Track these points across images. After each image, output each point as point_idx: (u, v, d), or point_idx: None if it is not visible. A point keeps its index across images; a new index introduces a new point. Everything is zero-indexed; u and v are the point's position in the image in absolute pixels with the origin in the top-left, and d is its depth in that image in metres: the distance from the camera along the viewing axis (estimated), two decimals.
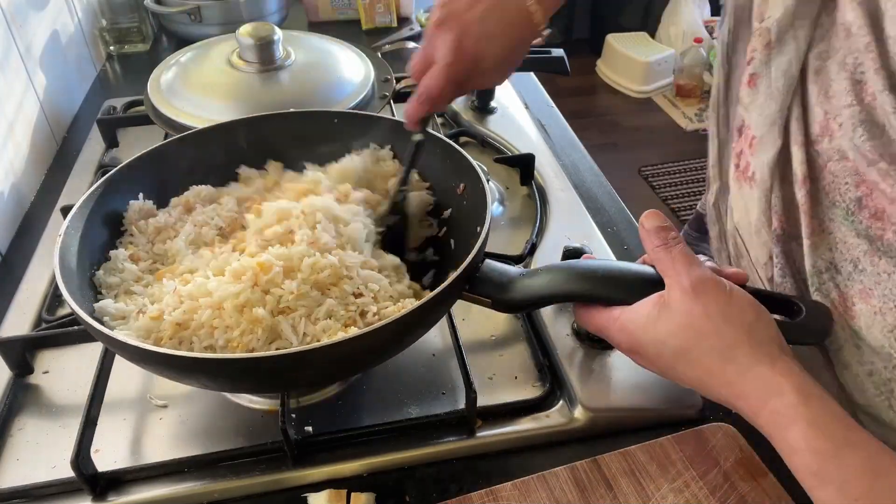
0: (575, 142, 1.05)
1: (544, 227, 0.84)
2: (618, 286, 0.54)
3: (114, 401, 0.63)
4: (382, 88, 1.00)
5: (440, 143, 0.72)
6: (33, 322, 0.73)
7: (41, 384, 0.67)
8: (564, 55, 0.99)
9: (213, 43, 1.04)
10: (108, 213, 0.66)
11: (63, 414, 0.64)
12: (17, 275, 0.79)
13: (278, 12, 1.34)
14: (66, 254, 0.58)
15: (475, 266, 0.57)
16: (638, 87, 3.17)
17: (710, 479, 0.55)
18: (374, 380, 0.67)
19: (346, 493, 0.56)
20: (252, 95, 0.92)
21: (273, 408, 0.63)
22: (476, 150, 0.99)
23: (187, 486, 0.58)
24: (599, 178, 0.97)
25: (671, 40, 3.17)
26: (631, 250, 0.84)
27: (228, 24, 1.24)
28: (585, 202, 0.90)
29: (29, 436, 0.62)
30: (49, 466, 0.59)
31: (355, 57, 1.03)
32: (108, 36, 1.31)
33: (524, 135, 1.02)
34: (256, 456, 0.60)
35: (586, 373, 0.65)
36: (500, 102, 1.09)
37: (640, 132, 2.98)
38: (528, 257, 0.79)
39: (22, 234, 0.89)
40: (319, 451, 0.60)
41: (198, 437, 0.62)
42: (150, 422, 0.63)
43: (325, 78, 0.97)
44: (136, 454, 0.61)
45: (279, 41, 0.96)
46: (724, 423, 0.60)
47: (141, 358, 0.52)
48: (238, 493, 0.58)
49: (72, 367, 0.68)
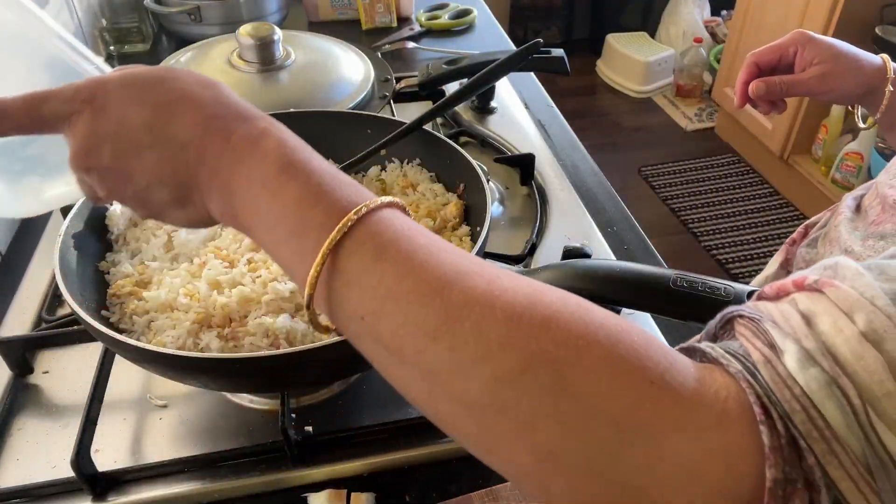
0: (575, 142, 1.05)
1: (544, 227, 0.84)
2: (618, 286, 0.54)
3: (114, 401, 0.63)
4: (382, 88, 1.00)
5: (440, 142, 0.72)
6: (33, 322, 0.73)
7: (41, 384, 0.67)
8: (564, 55, 0.99)
9: (213, 43, 1.04)
10: (109, 212, 0.66)
11: (63, 414, 0.64)
12: (17, 275, 0.79)
13: (278, 12, 1.34)
14: (66, 254, 0.58)
15: None
16: (638, 87, 3.17)
17: None
18: (374, 380, 0.66)
19: (346, 493, 0.56)
20: (252, 95, 0.92)
21: (273, 408, 0.63)
22: (476, 150, 0.99)
23: (187, 486, 0.58)
24: (599, 178, 0.97)
25: (671, 40, 3.17)
26: (631, 250, 0.84)
27: (228, 24, 1.24)
28: (585, 202, 0.90)
29: (29, 436, 0.62)
30: (49, 466, 0.59)
31: (355, 57, 1.03)
32: (108, 36, 1.31)
33: (524, 135, 1.02)
34: (256, 456, 0.60)
35: None
36: (501, 102, 1.09)
37: (640, 132, 2.98)
38: (528, 257, 0.79)
39: (22, 234, 0.89)
40: (319, 451, 0.60)
41: (198, 437, 0.62)
42: (150, 422, 0.63)
43: (325, 78, 0.97)
44: (136, 454, 0.61)
45: (279, 41, 0.96)
46: None
47: (141, 358, 0.52)
48: (238, 493, 0.58)
49: (72, 367, 0.68)
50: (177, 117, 0.39)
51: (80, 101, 0.40)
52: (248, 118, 0.39)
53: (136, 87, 0.40)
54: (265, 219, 0.37)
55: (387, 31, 1.37)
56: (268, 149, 0.37)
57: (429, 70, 1.01)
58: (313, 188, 0.36)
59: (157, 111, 0.39)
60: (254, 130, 0.38)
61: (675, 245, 2.35)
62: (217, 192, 0.39)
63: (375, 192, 0.73)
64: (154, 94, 0.40)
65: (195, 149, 0.39)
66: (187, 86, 0.40)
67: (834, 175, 2.26)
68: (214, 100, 0.40)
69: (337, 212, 0.34)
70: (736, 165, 2.72)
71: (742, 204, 2.53)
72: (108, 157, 0.40)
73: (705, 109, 3.06)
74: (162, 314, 0.58)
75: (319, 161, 0.38)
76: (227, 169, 0.38)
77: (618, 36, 3.22)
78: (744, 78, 0.78)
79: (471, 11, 1.41)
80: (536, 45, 0.77)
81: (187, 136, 0.39)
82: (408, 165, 0.76)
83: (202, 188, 0.39)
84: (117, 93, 0.40)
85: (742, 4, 2.55)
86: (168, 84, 0.40)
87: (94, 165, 0.40)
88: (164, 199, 0.40)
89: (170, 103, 0.39)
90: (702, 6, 3.18)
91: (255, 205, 0.37)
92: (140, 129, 0.39)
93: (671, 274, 0.53)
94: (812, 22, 2.20)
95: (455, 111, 1.05)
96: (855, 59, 0.73)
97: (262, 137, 0.38)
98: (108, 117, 0.39)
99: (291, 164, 0.37)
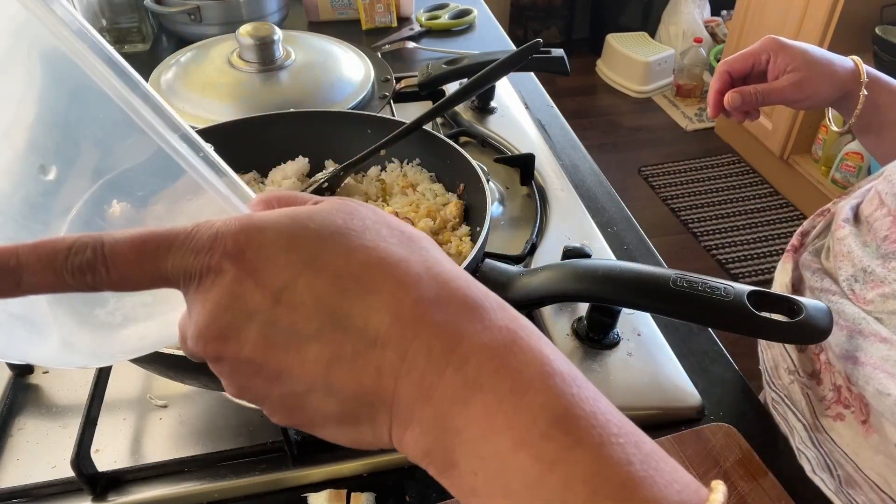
0: (575, 142, 1.05)
1: (544, 227, 0.84)
2: (618, 286, 0.54)
3: (114, 401, 0.63)
4: (382, 88, 1.00)
5: (440, 142, 0.72)
6: None
7: (41, 384, 0.67)
8: (564, 55, 0.99)
9: (213, 43, 1.04)
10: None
11: (63, 414, 0.64)
12: None
13: (278, 12, 1.34)
14: None
15: (475, 266, 0.57)
16: (638, 87, 3.17)
17: (710, 479, 0.55)
18: None
19: (346, 493, 0.56)
20: (252, 95, 0.92)
21: None
22: (476, 150, 0.99)
23: (187, 486, 0.58)
24: (599, 178, 0.97)
25: (671, 40, 3.17)
26: (631, 250, 0.84)
27: (228, 24, 1.24)
28: (585, 202, 0.90)
29: (29, 436, 0.62)
30: (49, 466, 0.59)
31: (355, 57, 1.03)
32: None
33: (524, 135, 1.02)
34: (256, 456, 0.60)
35: (586, 372, 0.65)
36: (500, 102, 1.09)
37: (640, 132, 2.98)
38: (528, 257, 0.79)
39: None
40: (319, 451, 0.60)
41: (198, 437, 0.62)
42: (150, 422, 0.63)
43: (325, 78, 0.97)
44: (136, 454, 0.60)
45: (279, 41, 0.96)
46: (724, 423, 0.60)
47: (141, 358, 0.52)
48: (238, 493, 0.58)
49: None
50: (370, 296, 0.26)
51: (219, 254, 0.26)
52: (481, 309, 0.27)
53: (308, 243, 0.27)
54: (515, 493, 0.24)
55: (387, 31, 1.37)
56: (522, 375, 0.25)
57: (429, 70, 1.01)
58: (614, 466, 0.23)
59: (341, 284, 0.26)
60: (490, 334, 0.26)
61: (675, 245, 2.35)
62: (425, 424, 0.26)
63: (375, 193, 0.75)
64: (336, 256, 0.27)
65: (395, 348, 0.26)
66: (384, 243, 0.27)
67: (834, 175, 2.26)
68: (426, 270, 0.27)
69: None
70: (736, 165, 2.72)
71: (742, 204, 2.53)
72: (251, 344, 0.27)
73: (705, 109, 3.06)
74: None
75: (607, 406, 0.25)
76: (450, 393, 0.25)
77: (618, 36, 3.22)
78: (717, 87, 0.77)
79: (471, 11, 1.41)
80: (536, 45, 0.77)
81: (384, 327, 0.26)
82: (408, 165, 0.76)
83: (397, 410, 0.27)
84: (279, 249, 0.26)
85: (742, 4, 2.55)
86: (356, 239, 0.27)
87: (228, 354, 0.27)
88: (327, 413, 0.28)
89: (359, 275, 0.26)
90: (702, 6, 3.19)
91: (501, 467, 0.24)
92: (310, 309, 0.26)
93: (671, 274, 0.53)
94: (812, 22, 2.20)
95: (455, 111, 1.05)
96: (828, 65, 0.73)
97: (507, 348, 0.26)
98: (260, 285, 0.26)
99: (570, 414, 0.24)
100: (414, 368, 0.26)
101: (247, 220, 0.27)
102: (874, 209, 0.61)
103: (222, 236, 0.27)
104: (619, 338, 0.69)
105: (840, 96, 0.74)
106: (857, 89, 0.72)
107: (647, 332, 0.70)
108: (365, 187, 0.75)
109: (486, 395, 0.24)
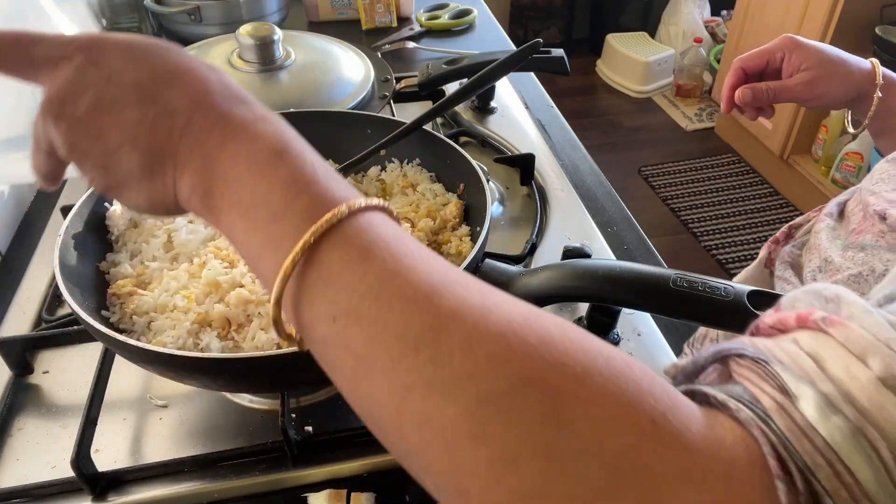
0: (575, 142, 1.05)
1: (544, 227, 0.84)
2: (618, 286, 0.54)
3: (114, 401, 0.63)
4: (382, 88, 1.00)
5: (440, 142, 0.72)
6: (33, 322, 0.73)
7: (41, 384, 0.67)
8: (564, 55, 0.99)
9: (213, 43, 1.04)
10: (109, 213, 0.66)
11: (63, 414, 0.64)
12: (17, 275, 0.79)
13: (278, 12, 1.34)
14: (66, 254, 0.58)
15: (475, 266, 0.58)
16: (638, 87, 3.17)
17: None
18: None
19: (346, 493, 0.56)
20: (252, 95, 0.92)
21: (273, 408, 0.63)
22: (476, 150, 0.99)
23: (187, 486, 0.58)
24: (599, 178, 0.97)
25: (671, 40, 3.17)
26: (631, 250, 0.84)
27: (228, 24, 1.24)
28: (585, 202, 0.90)
29: (29, 436, 0.62)
30: (49, 466, 0.59)
31: (355, 57, 1.03)
32: None
33: (524, 135, 1.02)
34: (256, 456, 0.60)
35: None
36: (500, 102, 1.09)
37: (640, 132, 2.98)
38: (528, 257, 0.79)
39: (22, 234, 0.89)
40: (319, 451, 0.60)
41: (198, 437, 0.62)
42: (150, 422, 0.63)
43: (325, 78, 0.97)
44: (136, 454, 0.61)
45: (279, 41, 0.96)
46: None
47: (141, 358, 0.52)
48: (238, 493, 0.58)
49: (72, 367, 0.68)
50: (175, 86, 0.36)
51: (74, 48, 0.37)
52: (249, 103, 0.37)
53: (139, 50, 0.37)
54: (244, 199, 0.34)
55: (387, 31, 1.37)
56: (263, 131, 0.35)
57: (429, 70, 1.01)
58: (306, 176, 0.33)
59: (156, 75, 0.36)
60: (251, 114, 0.36)
61: (675, 245, 2.35)
62: (195, 164, 0.35)
63: (375, 193, 0.75)
64: (157, 59, 0.37)
65: (184, 117, 0.35)
66: (194, 62, 0.38)
67: (834, 175, 2.26)
68: (218, 81, 0.37)
69: (327, 202, 0.32)
70: (736, 165, 2.72)
71: (742, 204, 2.53)
72: (84, 106, 0.36)
73: (705, 109, 3.06)
74: (162, 314, 0.58)
75: (315, 155, 0.36)
76: (214, 143, 0.35)
77: (618, 36, 3.23)
78: (730, 83, 0.77)
79: (471, 11, 1.41)
80: (536, 45, 0.77)
81: (180, 104, 0.36)
82: (408, 165, 0.76)
83: (179, 158, 0.36)
84: (117, 50, 0.37)
85: (742, 4, 2.55)
86: (174, 56, 0.37)
87: (66, 114, 0.36)
88: (131, 166, 0.36)
89: (171, 72, 0.36)
90: (702, 6, 3.19)
91: (237, 183, 0.34)
92: (130, 87, 0.36)
93: (671, 274, 0.53)
94: (812, 22, 2.20)
95: (455, 111, 1.05)
96: (843, 65, 0.72)
97: (258, 121, 0.36)
98: (99, 68, 0.36)
99: (286, 149, 0.34)
100: (193, 130, 0.35)
101: (97, 33, 0.38)
102: (855, 205, 0.61)
103: (77, 38, 0.37)
104: (619, 338, 0.69)
105: (854, 97, 0.73)
106: (871, 91, 0.71)
107: (647, 332, 0.70)
108: (365, 187, 0.75)
109: (237, 143, 0.35)
